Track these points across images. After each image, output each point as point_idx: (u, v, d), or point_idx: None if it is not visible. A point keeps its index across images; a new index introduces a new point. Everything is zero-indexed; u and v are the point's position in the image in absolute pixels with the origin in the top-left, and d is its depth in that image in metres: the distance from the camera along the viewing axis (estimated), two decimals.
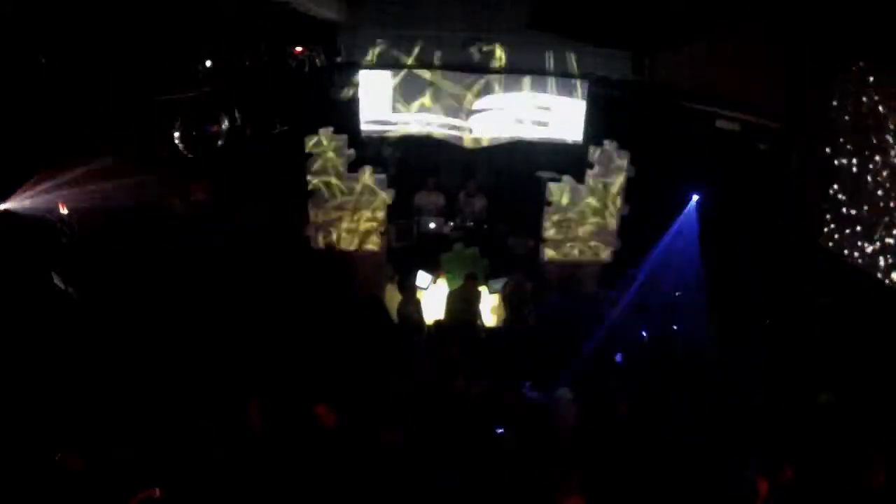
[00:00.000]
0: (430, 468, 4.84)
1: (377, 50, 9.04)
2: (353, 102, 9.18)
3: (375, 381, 5.90)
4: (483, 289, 8.25)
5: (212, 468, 4.58)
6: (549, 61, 9.21)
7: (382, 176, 8.30)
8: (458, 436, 5.03)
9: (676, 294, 7.88)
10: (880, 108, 6.68)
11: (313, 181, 8.13)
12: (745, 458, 4.88)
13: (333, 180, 8.16)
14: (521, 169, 9.69)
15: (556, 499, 4.18)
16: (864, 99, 6.89)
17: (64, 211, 6.29)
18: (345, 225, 8.33)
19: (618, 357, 6.87)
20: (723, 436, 5.44)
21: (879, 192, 6.78)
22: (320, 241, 8.40)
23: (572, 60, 9.20)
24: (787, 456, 4.85)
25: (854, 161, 7.11)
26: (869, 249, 6.93)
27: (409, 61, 9.11)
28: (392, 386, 5.82)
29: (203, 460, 4.61)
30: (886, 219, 6.68)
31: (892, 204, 6.60)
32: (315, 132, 8.04)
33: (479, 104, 9.11)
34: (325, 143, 8.02)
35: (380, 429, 5.02)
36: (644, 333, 7.21)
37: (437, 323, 7.67)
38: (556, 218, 8.43)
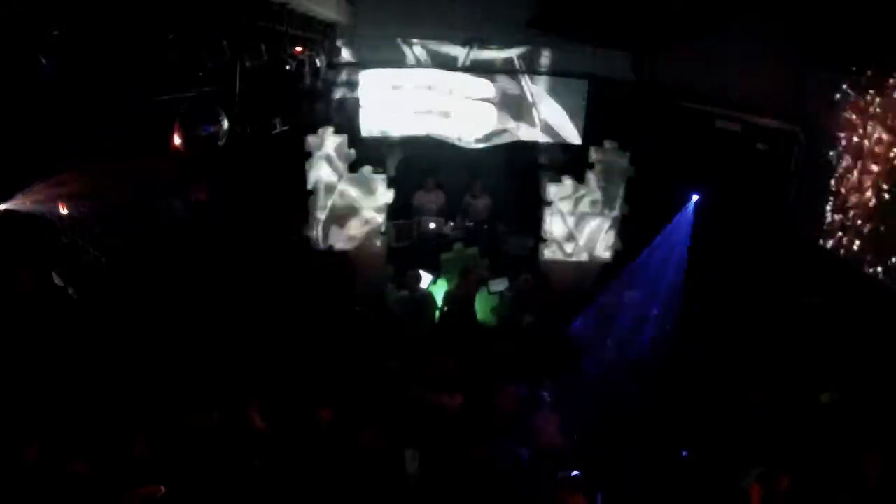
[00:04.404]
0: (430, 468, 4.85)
1: (377, 50, 9.04)
2: (353, 102, 9.17)
3: (374, 381, 5.90)
4: (483, 288, 8.25)
5: (213, 467, 4.58)
6: (550, 61, 9.22)
7: (382, 176, 8.30)
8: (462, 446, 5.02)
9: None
10: (881, 108, 6.69)
11: (313, 181, 8.12)
12: (740, 466, 4.85)
13: (333, 180, 8.15)
14: (521, 169, 9.69)
15: (559, 498, 4.19)
16: (865, 99, 6.90)
17: (64, 211, 6.26)
18: (345, 225, 8.33)
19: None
20: (717, 439, 5.43)
21: (879, 193, 6.78)
22: (320, 241, 8.40)
23: (572, 60, 9.21)
24: (784, 462, 4.82)
25: (854, 162, 7.12)
26: (868, 249, 6.94)
27: (409, 61, 9.11)
28: (391, 386, 5.82)
29: (205, 459, 4.61)
30: (886, 219, 6.69)
31: (891, 204, 6.61)
32: (315, 132, 8.04)
33: (478, 104, 9.11)
34: (325, 143, 8.01)
35: (376, 429, 5.02)
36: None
37: (437, 322, 7.68)
38: (556, 218, 8.43)
